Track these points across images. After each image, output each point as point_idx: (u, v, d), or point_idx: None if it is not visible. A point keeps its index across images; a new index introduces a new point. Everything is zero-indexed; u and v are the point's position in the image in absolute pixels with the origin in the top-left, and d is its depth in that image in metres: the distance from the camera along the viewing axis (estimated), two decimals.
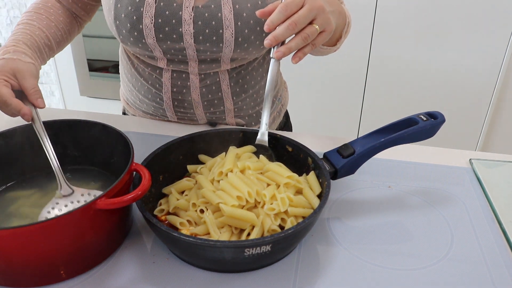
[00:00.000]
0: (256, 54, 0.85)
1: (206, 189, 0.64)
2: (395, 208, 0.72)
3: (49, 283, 0.57)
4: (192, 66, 0.85)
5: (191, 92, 0.88)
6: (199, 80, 0.87)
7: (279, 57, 0.66)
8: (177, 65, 0.85)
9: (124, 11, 0.79)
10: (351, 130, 2.09)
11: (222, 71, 0.86)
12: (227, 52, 0.81)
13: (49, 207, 0.61)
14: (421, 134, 0.70)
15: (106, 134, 0.69)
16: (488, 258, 0.63)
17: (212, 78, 0.87)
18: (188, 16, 0.78)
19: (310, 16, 0.65)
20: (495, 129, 1.99)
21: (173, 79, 0.87)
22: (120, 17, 0.79)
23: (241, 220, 0.60)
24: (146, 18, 0.78)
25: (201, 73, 0.86)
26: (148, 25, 0.78)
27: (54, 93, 2.57)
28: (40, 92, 0.69)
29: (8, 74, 0.68)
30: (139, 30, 0.79)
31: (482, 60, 1.82)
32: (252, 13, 0.78)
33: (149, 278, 0.58)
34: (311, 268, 0.61)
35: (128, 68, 0.94)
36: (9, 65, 0.69)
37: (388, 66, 1.90)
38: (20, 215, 0.64)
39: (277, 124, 1.03)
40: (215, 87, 0.88)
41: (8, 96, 0.65)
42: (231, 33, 0.78)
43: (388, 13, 1.80)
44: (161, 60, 0.85)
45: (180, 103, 0.90)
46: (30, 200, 0.67)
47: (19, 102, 0.66)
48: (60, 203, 0.62)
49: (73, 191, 0.63)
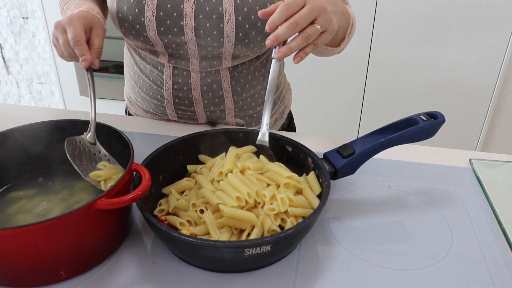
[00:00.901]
0: (257, 51, 0.85)
1: (206, 189, 0.64)
2: (395, 208, 0.72)
3: (49, 283, 0.57)
4: (193, 63, 0.85)
5: (192, 89, 0.88)
6: (200, 78, 0.87)
7: (280, 57, 0.66)
8: (178, 61, 0.86)
9: (126, 4, 0.80)
10: (351, 130, 2.09)
11: (223, 69, 0.87)
12: (228, 48, 0.82)
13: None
14: (421, 134, 0.70)
15: (106, 134, 0.69)
16: (488, 258, 0.63)
17: (213, 76, 0.87)
18: (190, 9, 0.79)
19: (311, 15, 0.64)
20: (495, 129, 1.99)
21: (174, 76, 0.88)
22: (123, 9, 0.81)
23: (241, 220, 0.60)
24: (148, 10, 0.79)
25: (202, 70, 0.86)
26: (149, 18, 0.79)
27: (54, 93, 2.57)
28: (101, 54, 0.74)
29: (88, 24, 0.73)
30: (141, 23, 0.80)
31: (482, 60, 1.82)
32: (253, 8, 0.78)
33: (149, 278, 0.58)
34: (311, 268, 0.61)
35: (131, 65, 0.95)
36: (90, 17, 0.75)
37: (388, 66, 1.90)
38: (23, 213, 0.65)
39: (279, 125, 1.03)
40: (216, 85, 0.88)
41: (83, 38, 0.71)
42: (232, 27, 0.79)
43: (388, 13, 1.80)
44: (162, 55, 0.86)
45: (180, 100, 0.90)
46: (32, 201, 0.67)
47: (87, 48, 0.71)
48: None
49: (95, 142, 0.68)
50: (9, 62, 2.53)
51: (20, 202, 0.67)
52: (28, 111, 1.02)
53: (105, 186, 0.64)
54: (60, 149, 0.66)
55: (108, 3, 0.84)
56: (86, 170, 0.65)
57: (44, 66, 2.49)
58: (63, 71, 2.42)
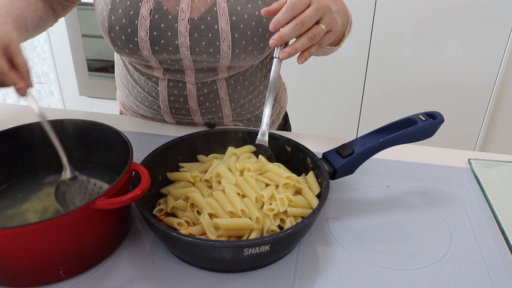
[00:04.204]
0: (252, 62, 0.84)
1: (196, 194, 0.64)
2: (394, 208, 0.72)
3: (48, 283, 0.57)
4: (188, 75, 0.83)
5: (189, 100, 0.87)
6: (196, 89, 0.85)
7: (284, 57, 0.65)
8: (173, 74, 0.84)
9: (118, 24, 0.77)
10: (350, 130, 2.09)
11: (220, 79, 0.85)
12: (224, 62, 0.80)
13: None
14: (420, 134, 0.70)
15: (105, 134, 0.69)
16: (487, 258, 0.63)
17: (210, 86, 0.86)
18: (184, 28, 0.76)
19: (316, 15, 0.63)
20: (494, 129, 2.00)
21: (170, 88, 0.86)
22: (115, 29, 0.77)
23: (238, 230, 0.60)
24: (141, 31, 0.76)
25: (198, 82, 0.85)
26: (143, 38, 0.77)
27: (53, 93, 2.57)
28: (29, 71, 0.64)
29: (3, 45, 0.62)
30: (134, 43, 0.78)
31: (480, 60, 1.83)
32: (249, 24, 0.77)
33: (148, 278, 0.58)
34: (310, 268, 0.61)
35: (123, 74, 0.93)
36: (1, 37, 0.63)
37: (387, 66, 1.90)
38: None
39: (275, 126, 1.02)
40: (213, 95, 0.87)
41: (6, 67, 0.61)
42: (228, 44, 0.77)
43: (387, 13, 1.80)
44: (157, 70, 0.84)
45: (178, 110, 0.89)
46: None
47: (17, 75, 0.62)
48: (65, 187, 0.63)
49: (75, 176, 0.64)
50: None
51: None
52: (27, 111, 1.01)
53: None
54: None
55: (99, 21, 0.80)
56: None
57: (43, 66, 2.49)
58: (63, 71, 2.42)
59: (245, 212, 0.60)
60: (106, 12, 0.77)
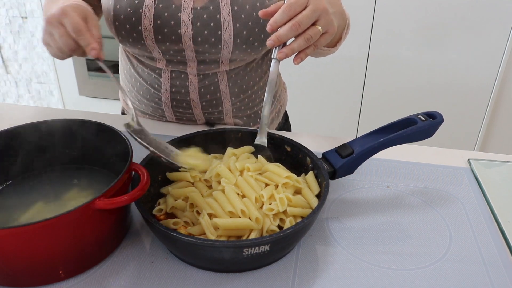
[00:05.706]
0: (254, 55, 0.85)
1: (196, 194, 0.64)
2: (394, 208, 0.72)
3: (47, 283, 0.57)
4: (191, 66, 0.85)
5: (190, 92, 0.88)
6: (197, 80, 0.87)
7: (281, 58, 0.66)
8: (176, 65, 0.86)
9: (123, 13, 0.79)
10: (349, 130, 2.09)
11: (221, 71, 0.87)
12: (225, 53, 0.82)
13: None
14: (419, 134, 0.70)
15: (105, 134, 0.69)
16: (486, 258, 0.63)
17: (211, 78, 0.87)
18: (187, 17, 0.78)
19: (313, 17, 0.64)
20: (494, 129, 2.00)
21: (172, 79, 0.87)
22: (119, 18, 0.80)
23: (237, 230, 0.60)
24: (145, 19, 0.78)
25: (199, 73, 0.86)
26: (147, 27, 0.79)
27: (53, 93, 2.57)
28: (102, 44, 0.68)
29: (83, 16, 0.67)
30: (138, 31, 0.80)
31: (480, 60, 1.83)
32: (251, 14, 0.78)
33: (148, 278, 0.58)
34: (310, 268, 0.61)
35: (127, 68, 0.94)
36: (82, 9, 0.68)
37: (386, 66, 1.90)
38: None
39: (275, 125, 1.03)
40: (214, 87, 0.88)
41: (83, 27, 0.65)
42: (230, 34, 0.79)
43: (387, 13, 1.80)
44: (160, 61, 0.86)
45: (178, 103, 0.90)
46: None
47: (92, 35, 0.65)
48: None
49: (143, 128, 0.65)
50: (8, 62, 2.52)
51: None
52: (27, 111, 1.02)
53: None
54: (58, 148, 0.65)
55: (104, 11, 0.83)
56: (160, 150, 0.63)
57: (43, 65, 2.49)
58: (62, 71, 2.42)
59: (245, 212, 0.60)
60: (112, 2, 0.80)
